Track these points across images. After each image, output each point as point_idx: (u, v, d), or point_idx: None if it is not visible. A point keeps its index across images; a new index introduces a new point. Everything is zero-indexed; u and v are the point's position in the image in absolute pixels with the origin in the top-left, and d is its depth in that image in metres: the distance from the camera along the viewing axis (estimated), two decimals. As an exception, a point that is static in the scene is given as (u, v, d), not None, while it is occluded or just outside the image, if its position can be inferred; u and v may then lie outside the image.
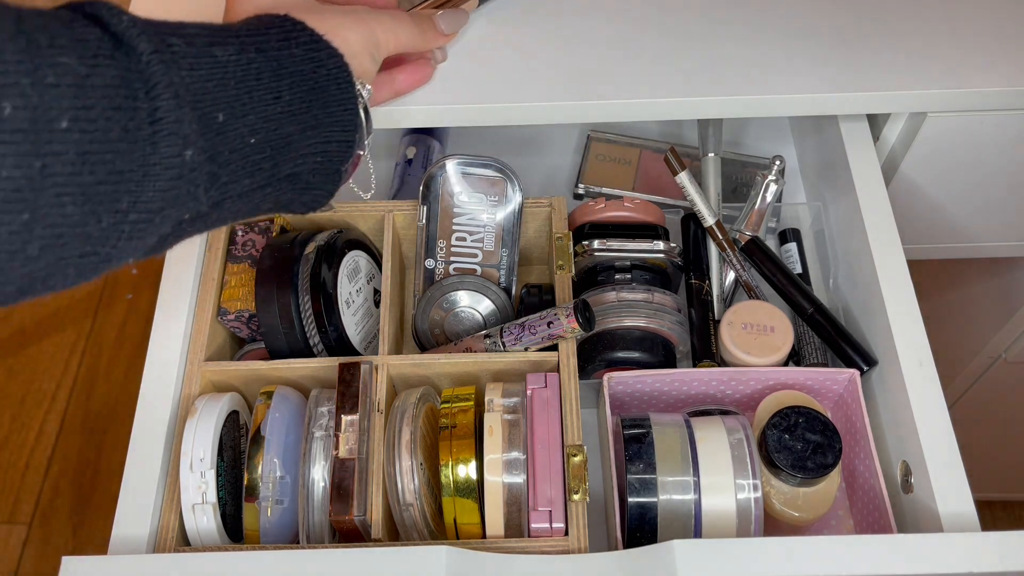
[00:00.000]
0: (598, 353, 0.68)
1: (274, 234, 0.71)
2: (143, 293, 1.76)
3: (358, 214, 0.72)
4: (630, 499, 0.58)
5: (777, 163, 0.73)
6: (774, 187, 0.73)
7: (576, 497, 0.58)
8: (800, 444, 0.60)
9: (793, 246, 0.77)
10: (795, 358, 0.71)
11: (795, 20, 0.69)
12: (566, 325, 0.62)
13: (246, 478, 0.59)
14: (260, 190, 0.50)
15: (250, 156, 0.48)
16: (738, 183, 0.84)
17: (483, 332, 0.66)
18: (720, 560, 0.53)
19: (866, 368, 0.66)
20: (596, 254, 0.71)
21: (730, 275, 0.74)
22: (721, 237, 0.72)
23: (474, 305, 0.69)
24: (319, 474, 0.60)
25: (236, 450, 0.64)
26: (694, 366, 0.70)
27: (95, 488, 1.56)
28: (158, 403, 0.63)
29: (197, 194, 0.45)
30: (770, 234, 0.80)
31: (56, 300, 1.75)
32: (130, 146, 0.41)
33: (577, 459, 0.59)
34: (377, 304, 0.72)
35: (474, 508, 0.58)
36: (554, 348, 0.64)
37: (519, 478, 0.59)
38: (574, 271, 0.70)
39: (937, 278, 1.14)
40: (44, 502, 1.55)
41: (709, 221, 0.72)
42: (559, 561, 0.54)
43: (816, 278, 0.77)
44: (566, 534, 0.57)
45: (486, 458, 0.59)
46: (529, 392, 0.61)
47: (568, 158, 0.88)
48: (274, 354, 0.66)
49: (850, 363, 0.67)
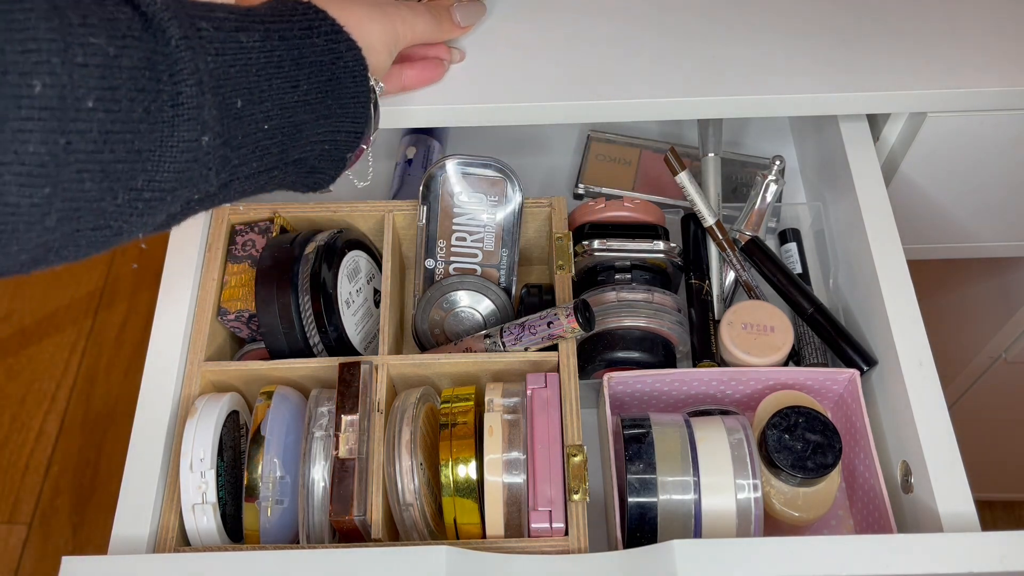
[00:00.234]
0: (598, 353, 0.68)
1: (274, 234, 0.71)
2: (143, 293, 1.76)
3: (358, 214, 0.72)
4: (630, 499, 0.58)
5: (777, 163, 0.73)
6: (774, 187, 0.73)
7: (576, 497, 0.58)
8: (800, 444, 0.60)
9: (793, 246, 0.77)
10: (795, 358, 0.71)
11: (795, 20, 0.69)
12: (566, 325, 0.62)
13: (246, 478, 0.59)
14: (267, 172, 0.51)
15: (262, 141, 0.49)
16: (738, 183, 0.84)
17: (483, 332, 0.66)
18: (720, 560, 0.53)
19: (866, 368, 0.66)
20: (596, 254, 0.71)
21: (730, 275, 0.74)
22: (721, 237, 0.72)
23: (474, 305, 0.69)
24: (319, 474, 0.60)
25: (236, 450, 0.63)
26: (694, 366, 0.70)
27: (95, 488, 1.56)
28: (158, 403, 0.63)
29: (209, 176, 0.46)
30: (770, 234, 0.80)
31: (56, 300, 1.75)
32: (150, 127, 0.41)
33: (577, 459, 0.59)
34: (377, 304, 0.72)
35: (474, 508, 0.58)
36: (554, 348, 0.64)
37: (519, 478, 0.58)
38: (574, 271, 0.70)
39: (937, 278, 1.14)
40: (44, 502, 1.55)
41: (709, 221, 0.72)
42: (559, 561, 0.54)
43: (816, 278, 0.77)
44: (566, 534, 0.57)
45: (486, 458, 0.59)
46: (529, 392, 0.61)
47: (568, 158, 0.88)
48: (274, 354, 0.66)
49: (850, 363, 0.66)
